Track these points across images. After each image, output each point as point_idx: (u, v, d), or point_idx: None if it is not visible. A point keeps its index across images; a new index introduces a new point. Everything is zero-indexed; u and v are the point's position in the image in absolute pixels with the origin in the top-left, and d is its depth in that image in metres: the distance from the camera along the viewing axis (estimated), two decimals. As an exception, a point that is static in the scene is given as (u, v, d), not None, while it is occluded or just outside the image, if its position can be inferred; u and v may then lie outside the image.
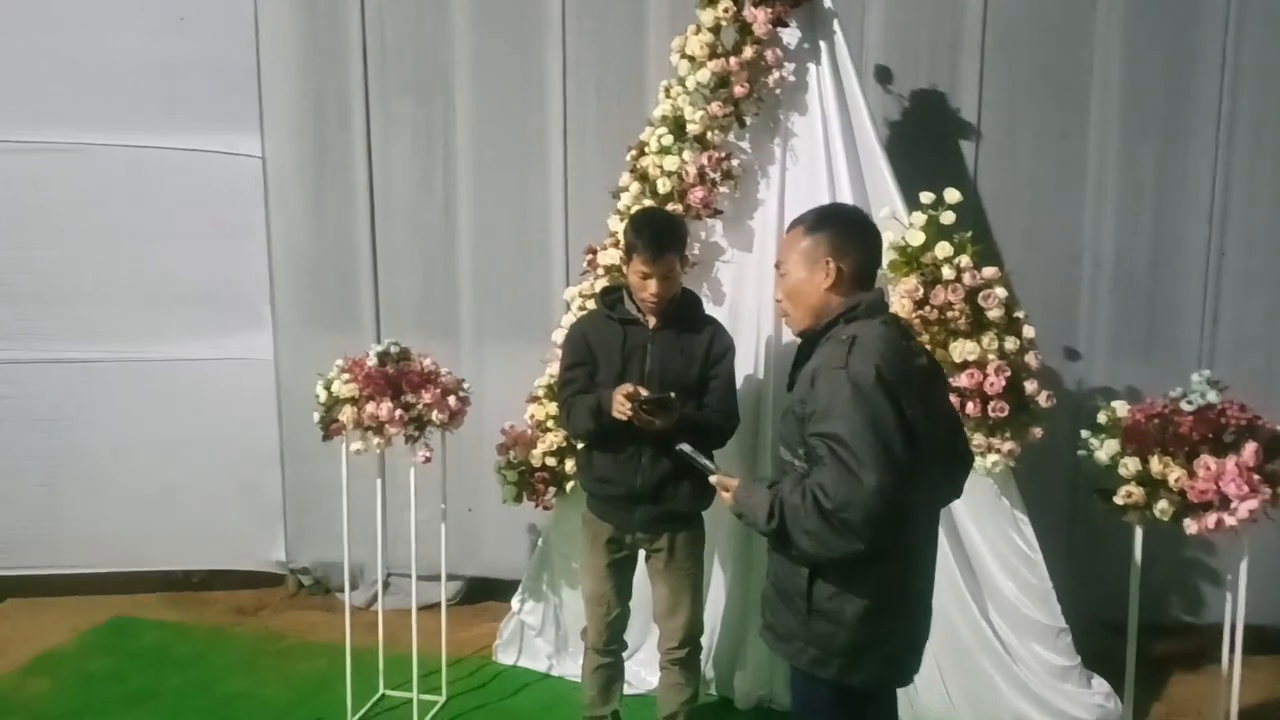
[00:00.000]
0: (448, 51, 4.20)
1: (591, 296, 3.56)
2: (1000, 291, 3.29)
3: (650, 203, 3.49)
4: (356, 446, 3.40)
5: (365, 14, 4.21)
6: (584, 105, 4.14)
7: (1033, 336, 3.35)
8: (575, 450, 3.56)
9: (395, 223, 4.34)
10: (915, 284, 3.32)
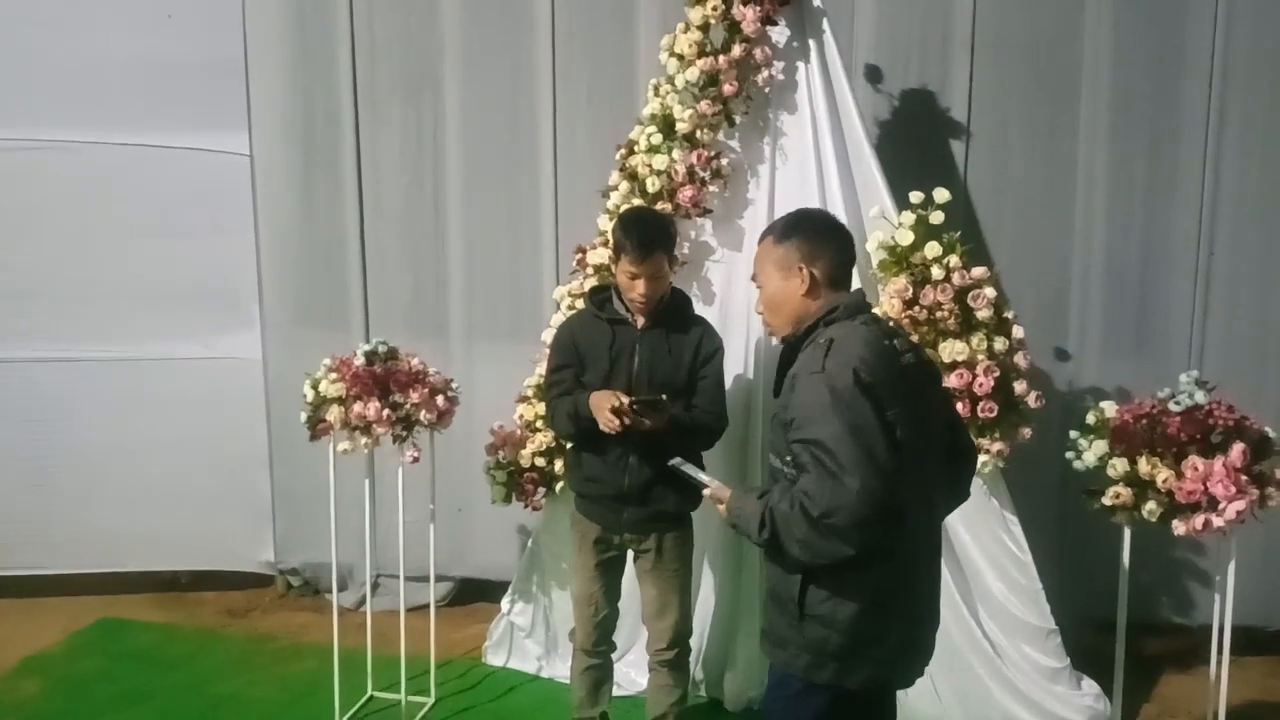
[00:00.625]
0: (437, 50, 4.18)
1: (581, 296, 3.55)
2: (989, 291, 3.29)
3: (639, 202, 3.48)
4: (344, 446, 3.38)
5: (354, 12, 4.18)
6: (573, 104, 4.12)
7: (1022, 337, 3.35)
8: (564, 450, 3.55)
9: (384, 221, 4.32)
10: (904, 284, 3.31)
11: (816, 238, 2.28)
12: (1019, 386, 3.30)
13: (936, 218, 3.32)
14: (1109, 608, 3.62)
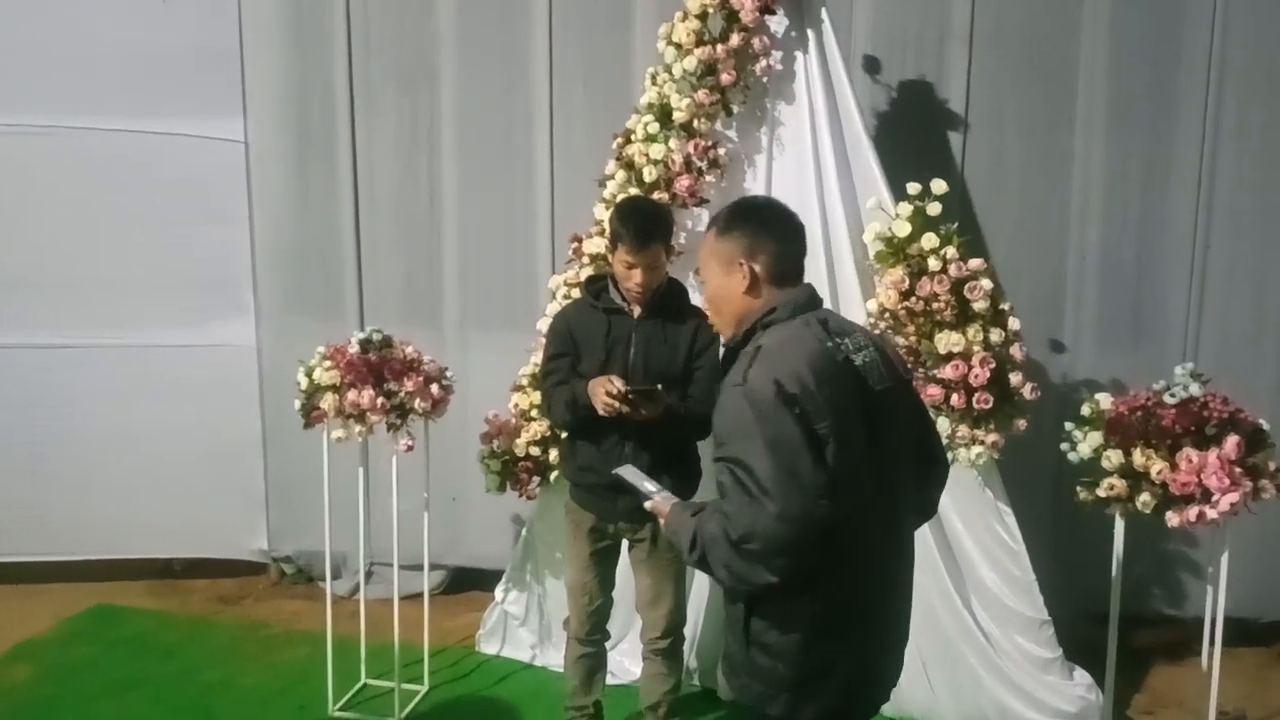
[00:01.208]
0: (433, 39, 4.17)
1: (577, 285, 3.54)
2: (985, 283, 3.29)
3: (636, 191, 3.47)
4: (338, 434, 3.38)
5: (350, 2, 4.16)
6: (570, 93, 4.11)
7: (1018, 328, 3.35)
8: (559, 440, 3.55)
9: (379, 210, 4.31)
10: (901, 275, 3.31)
11: (759, 230, 2.08)
12: (1014, 378, 3.30)
13: (934, 209, 3.32)
14: (1101, 599, 3.64)
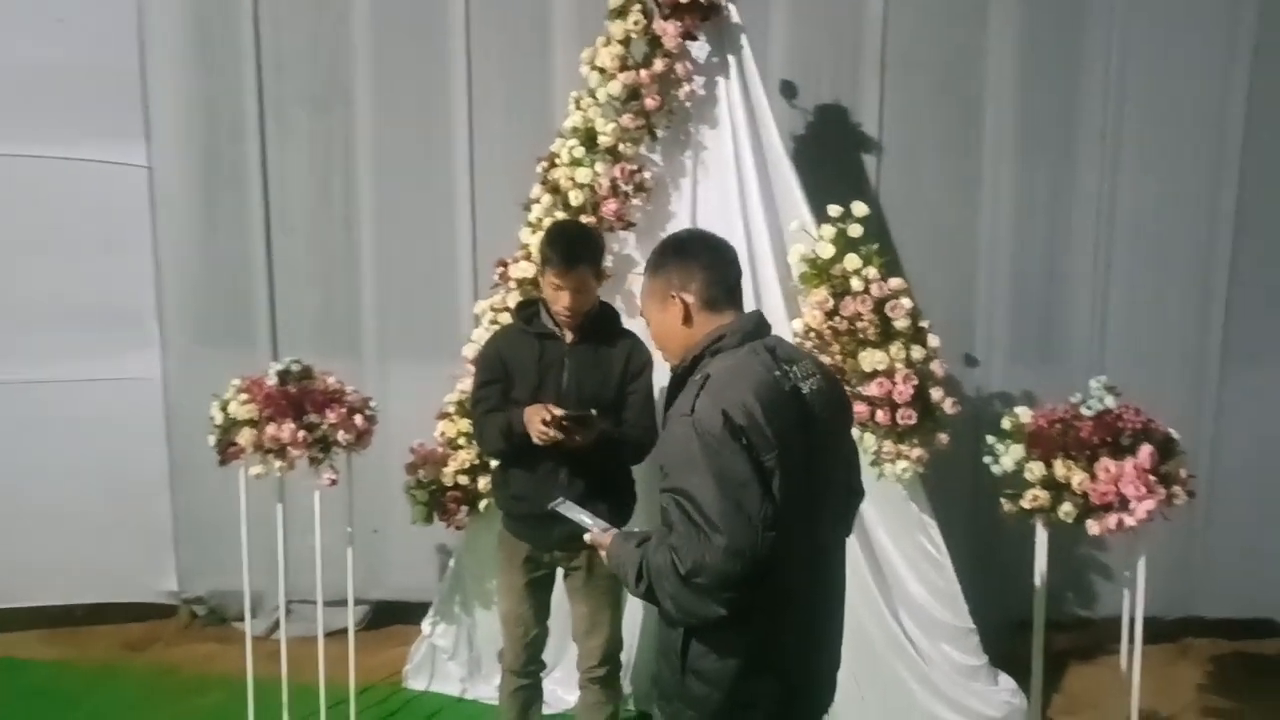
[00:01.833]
0: (346, 57, 4.09)
1: (504, 310, 3.51)
2: (906, 302, 3.37)
3: (562, 215, 3.45)
4: (256, 470, 3.26)
5: (259, 18, 4.06)
6: (489, 114, 4.07)
7: (938, 345, 3.43)
8: (488, 468, 3.49)
9: (292, 237, 4.20)
10: (825, 295, 3.37)
11: (685, 261, 2.10)
12: (935, 394, 3.38)
13: (855, 231, 3.39)
14: (1018, 606, 3.74)
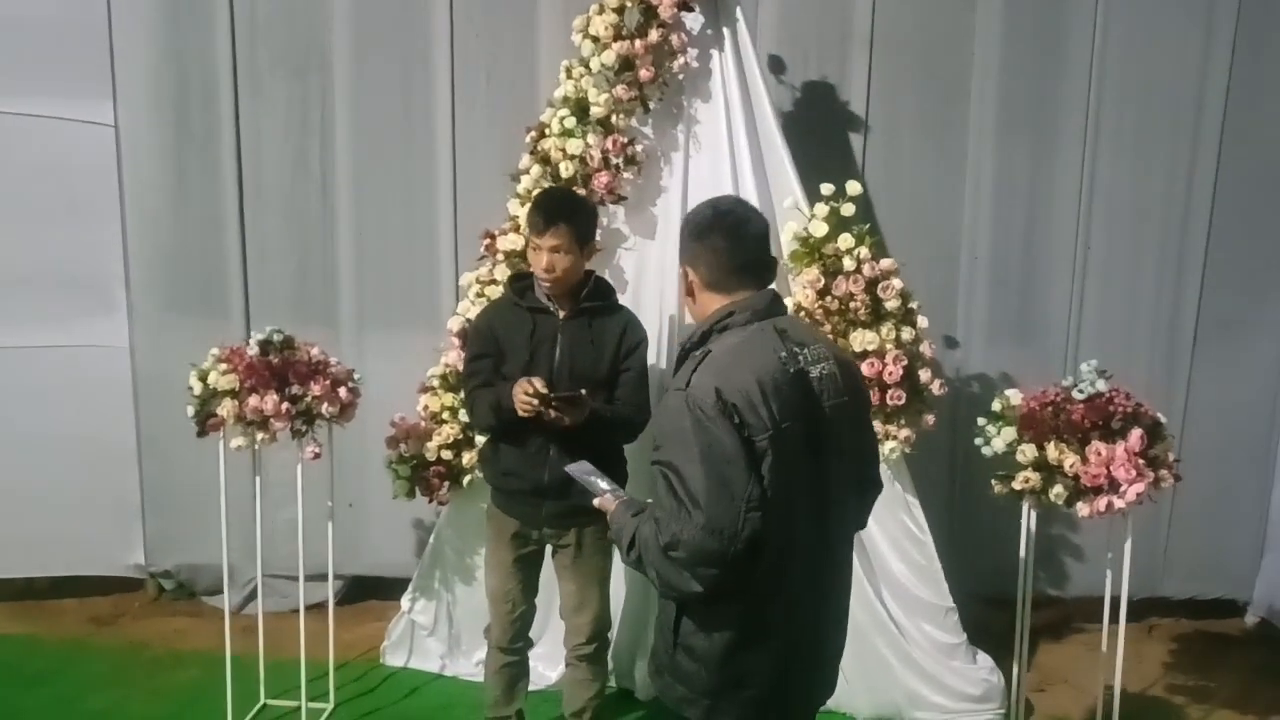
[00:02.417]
0: (325, 18, 3.95)
1: (490, 283, 3.45)
2: (897, 282, 3.37)
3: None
4: (237, 443, 3.19)
5: (233, -26, 3.92)
6: (473, 80, 3.97)
7: (926, 326, 3.45)
8: (473, 443, 3.44)
9: (267, 202, 4.07)
10: (817, 274, 3.36)
11: (696, 236, 2.09)
12: (924, 375, 3.40)
13: (848, 209, 3.38)
14: (993, 584, 3.81)
